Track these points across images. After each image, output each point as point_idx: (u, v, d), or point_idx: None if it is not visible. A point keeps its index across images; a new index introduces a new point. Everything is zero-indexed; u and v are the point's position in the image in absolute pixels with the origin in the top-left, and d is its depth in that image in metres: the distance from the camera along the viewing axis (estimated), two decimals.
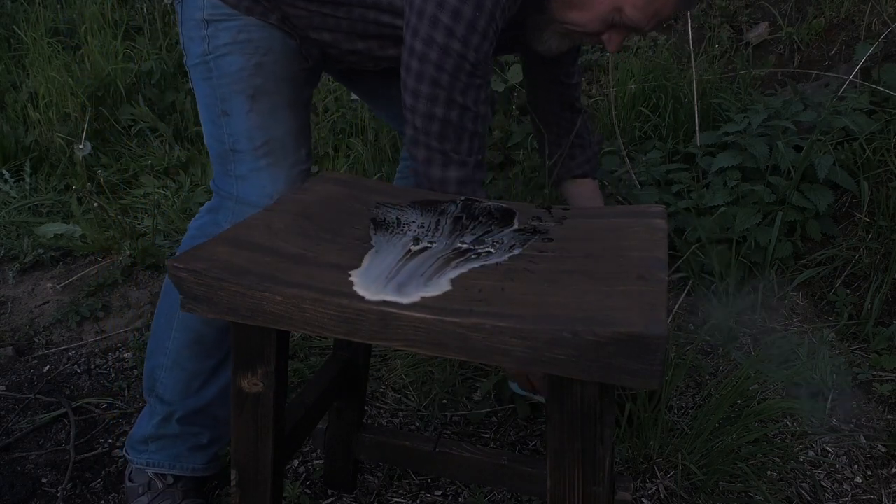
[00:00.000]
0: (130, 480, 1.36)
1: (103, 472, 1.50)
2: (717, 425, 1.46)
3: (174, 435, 1.32)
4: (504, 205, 1.09)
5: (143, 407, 1.39)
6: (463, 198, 1.11)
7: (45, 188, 2.65)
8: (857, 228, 2.05)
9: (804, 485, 1.45)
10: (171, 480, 1.34)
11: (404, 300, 0.80)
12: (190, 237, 1.29)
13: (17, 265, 2.24)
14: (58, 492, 1.44)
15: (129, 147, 2.87)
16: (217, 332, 1.27)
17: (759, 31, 2.84)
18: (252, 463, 1.00)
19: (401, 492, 1.43)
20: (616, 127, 2.40)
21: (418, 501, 1.41)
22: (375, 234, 0.99)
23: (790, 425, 1.60)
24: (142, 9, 3.57)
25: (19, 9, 3.67)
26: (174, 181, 2.66)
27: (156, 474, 1.34)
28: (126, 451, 1.37)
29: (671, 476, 1.44)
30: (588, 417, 0.81)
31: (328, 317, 0.82)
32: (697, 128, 2.36)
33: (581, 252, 0.93)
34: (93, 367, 1.83)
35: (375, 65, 1.35)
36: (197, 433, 1.33)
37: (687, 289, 2.01)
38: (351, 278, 0.86)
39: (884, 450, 1.55)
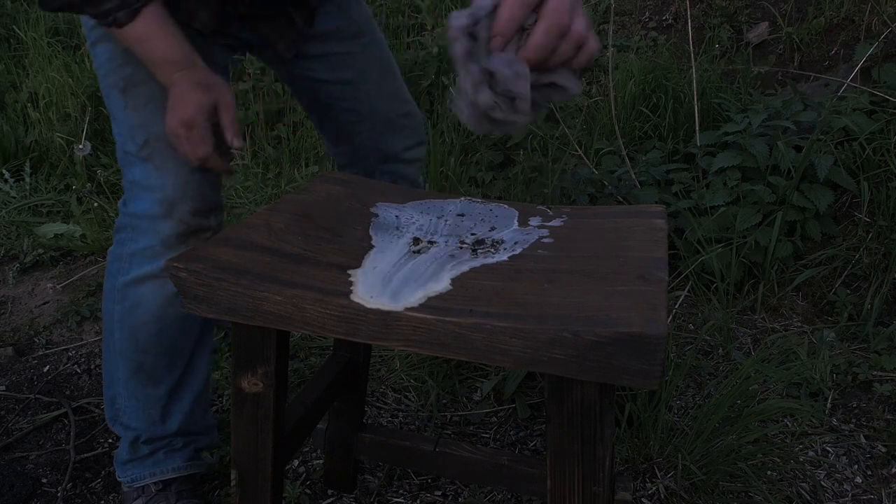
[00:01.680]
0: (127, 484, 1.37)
1: (103, 472, 1.50)
2: (717, 425, 1.46)
3: (146, 454, 1.32)
4: (504, 205, 1.09)
5: None
6: (463, 198, 1.11)
7: (45, 188, 2.65)
8: (857, 228, 2.05)
9: (804, 485, 1.45)
10: (161, 486, 1.34)
11: (400, 306, 0.79)
12: (108, 262, 1.21)
13: (17, 265, 2.24)
14: (58, 492, 1.44)
15: None
16: (155, 357, 1.22)
17: (759, 31, 2.84)
18: (252, 463, 1.00)
19: (401, 492, 1.43)
20: (616, 127, 2.39)
21: (418, 501, 1.41)
22: (375, 233, 0.99)
23: (790, 425, 1.60)
24: None
25: (19, 9, 3.67)
26: None
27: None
28: (115, 468, 1.38)
29: (671, 476, 1.44)
30: (588, 417, 0.81)
31: (328, 317, 0.82)
32: (697, 128, 2.36)
33: (581, 252, 0.93)
34: (93, 367, 1.83)
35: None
36: (167, 444, 1.33)
37: (687, 289, 2.01)
38: (351, 278, 0.86)
39: (884, 450, 1.55)
